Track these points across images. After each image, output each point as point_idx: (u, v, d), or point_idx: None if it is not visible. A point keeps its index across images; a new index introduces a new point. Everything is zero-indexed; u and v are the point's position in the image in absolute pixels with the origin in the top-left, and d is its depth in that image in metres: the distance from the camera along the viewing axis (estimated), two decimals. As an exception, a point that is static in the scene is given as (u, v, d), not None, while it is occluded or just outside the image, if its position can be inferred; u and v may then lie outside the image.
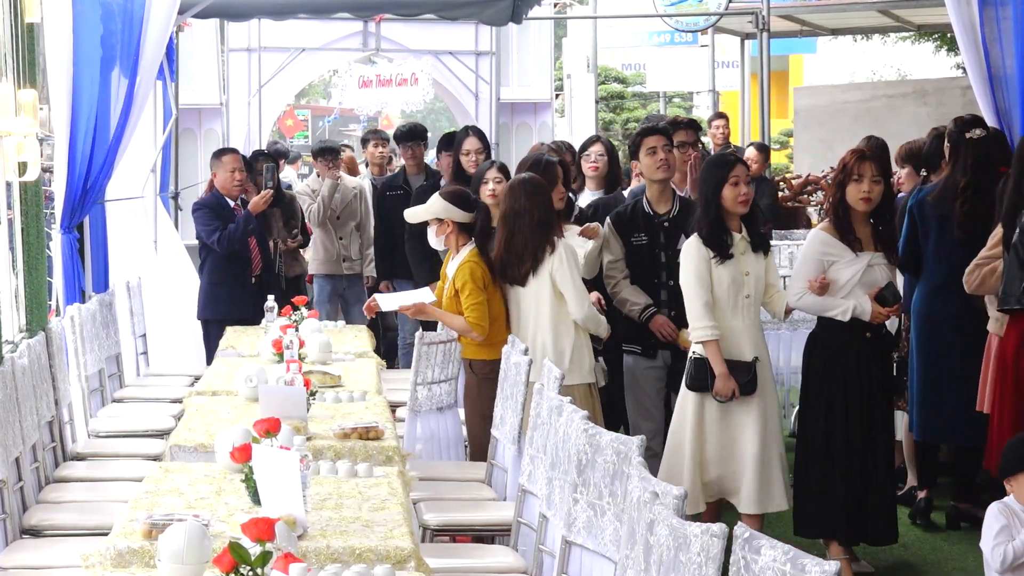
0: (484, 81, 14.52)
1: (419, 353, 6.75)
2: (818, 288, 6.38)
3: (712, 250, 6.42)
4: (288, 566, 3.49)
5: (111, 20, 8.10)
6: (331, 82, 17.08)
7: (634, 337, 7.21)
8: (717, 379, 6.38)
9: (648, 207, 7.20)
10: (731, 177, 6.46)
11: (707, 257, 6.42)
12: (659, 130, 7.35)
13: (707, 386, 6.41)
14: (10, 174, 6.78)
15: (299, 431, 5.37)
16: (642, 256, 7.16)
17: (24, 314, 6.95)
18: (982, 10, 7.47)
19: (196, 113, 13.65)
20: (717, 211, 6.44)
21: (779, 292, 6.66)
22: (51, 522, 5.50)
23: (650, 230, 7.16)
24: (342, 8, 11.67)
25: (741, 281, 6.46)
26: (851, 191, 6.39)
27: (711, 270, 6.42)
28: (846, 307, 6.37)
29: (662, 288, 7.13)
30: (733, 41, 21.75)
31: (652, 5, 15.82)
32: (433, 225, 6.94)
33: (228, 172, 9.32)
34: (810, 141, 18.83)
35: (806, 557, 2.88)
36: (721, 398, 6.40)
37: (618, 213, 7.29)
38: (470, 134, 8.94)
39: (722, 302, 6.43)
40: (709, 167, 6.58)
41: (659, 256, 7.15)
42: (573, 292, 6.65)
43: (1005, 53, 7.44)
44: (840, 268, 6.41)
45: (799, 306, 6.54)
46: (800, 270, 6.51)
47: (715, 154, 7.00)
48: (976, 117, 7.29)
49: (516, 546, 5.24)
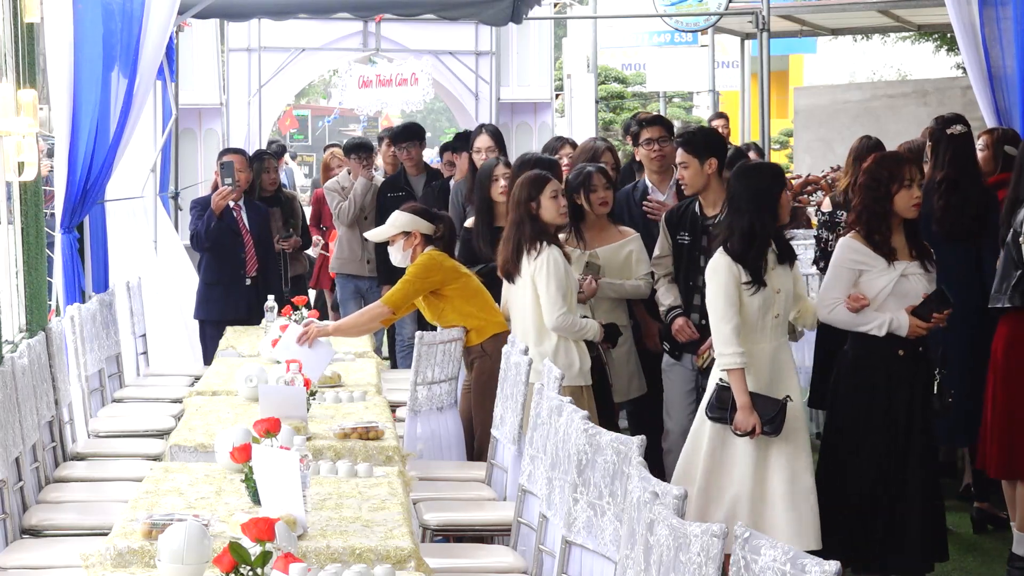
0: (484, 81, 14.52)
1: (419, 353, 6.75)
2: (856, 304, 5.95)
3: (746, 271, 5.86)
4: (288, 566, 3.49)
5: (111, 20, 8.09)
6: (331, 82, 17.10)
7: (666, 335, 7.11)
8: (738, 411, 5.81)
9: (699, 208, 6.96)
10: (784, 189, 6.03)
11: (738, 278, 5.84)
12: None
13: (728, 417, 5.84)
14: (10, 174, 6.78)
15: (299, 431, 5.37)
16: (684, 256, 7.00)
17: (24, 314, 6.95)
18: (982, 10, 7.49)
19: (196, 113, 13.65)
20: (764, 231, 5.89)
21: (808, 305, 6.20)
22: (51, 522, 5.50)
23: (694, 231, 6.96)
24: (342, 8, 11.67)
25: (772, 300, 5.92)
26: (902, 198, 5.93)
27: (741, 291, 5.86)
28: (881, 321, 5.93)
29: (696, 292, 6.87)
30: (733, 41, 21.75)
31: (652, 5, 15.81)
32: (399, 240, 7.04)
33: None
34: (810, 141, 18.83)
35: (806, 557, 2.88)
36: (739, 432, 5.83)
37: (671, 210, 7.16)
38: (483, 131, 8.91)
39: (749, 324, 5.88)
40: (761, 177, 6.03)
41: (698, 259, 6.85)
42: (545, 299, 6.59)
43: (1005, 53, 7.45)
44: (872, 278, 6.00)
45: (831, 319, 6.06)
46: (831, 280, 6.07)
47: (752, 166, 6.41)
48: (958, 115, 7.29)
49: (516, 546, 5.24)
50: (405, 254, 7.03)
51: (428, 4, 11.17)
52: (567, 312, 6.56)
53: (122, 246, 9.60)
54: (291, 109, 31.20)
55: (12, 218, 6.92)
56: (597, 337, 6.75)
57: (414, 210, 7.15)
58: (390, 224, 7.09)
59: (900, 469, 5.96)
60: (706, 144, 6.89)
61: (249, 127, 13.94)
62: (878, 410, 5.97)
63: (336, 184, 10.63)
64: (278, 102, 15.13)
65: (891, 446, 5.97)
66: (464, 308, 6.93)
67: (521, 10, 10.97)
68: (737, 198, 5.93)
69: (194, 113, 13.58)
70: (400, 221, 7.05)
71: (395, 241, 7.05)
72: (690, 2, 16.04)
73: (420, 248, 7.01)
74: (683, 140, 6.96)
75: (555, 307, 6.54)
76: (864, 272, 5.99)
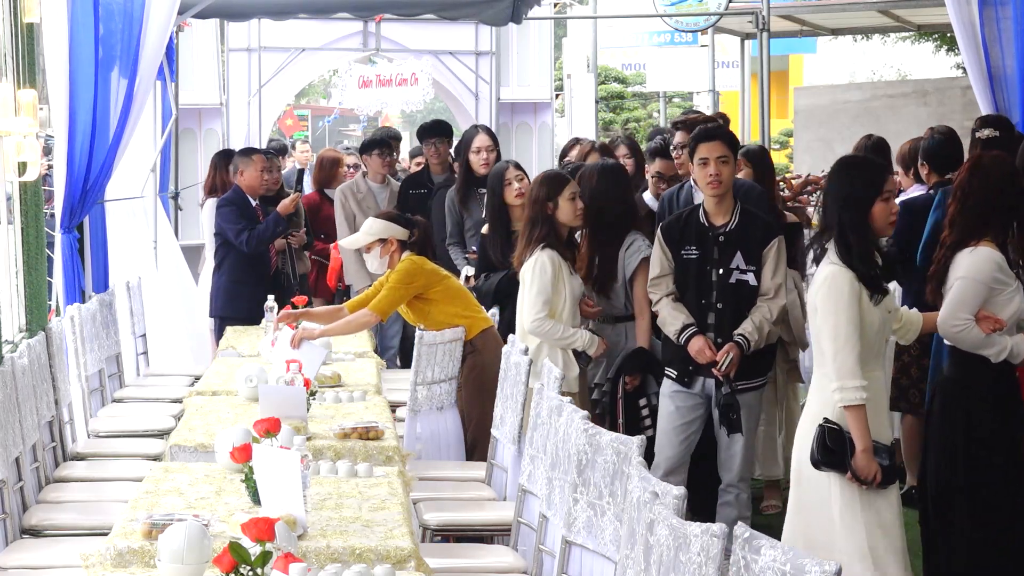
0: (484, 81, 14.52)
1: (419, 353, 6.76)
2: (995, 327, 5.25)
3: (867, 286, 4.94)
4: (288, 566, 3.49)
5: (111, 20, 8.09)
6: (331, 82, 17.09)
7: (672, 360, 6.49)
8: (859, 455, 4.84)
9: (704, 217, 6.41)
10: (884, 192, 4.99)
11: (860, 295, 4.91)
12: (716, 135, 6.43)
13: (844, 463, 4.88)
14: (10, 174, 6.79)
15: (299, 431, 5.37)
16: (691, 272, 6.41)
17: (24, 314, 6.95)
18: (982, 10, 7.48)
19: (196, 113, 13.64)
20: (865, 236, 4.97)
21: (912, 316, 5.37)
22: (51, 522, 5.50)
23: (703, 243, 6.38)
24: (342, 8, 11.67)
25: (886, 321, 5.06)
26: None
27: (863, 312, 4.93)
28: (1003, 346, 5.25)
29: (710, 311, 6.37)
30: (733, 41, 21.74)
31: (652, 5, 15.80)
32: (376, 247, 7.06)
33: (257, 172, 9.42)
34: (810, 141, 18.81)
35: (806, 557, 2.89)
36: (866, 478, 4.86)
37: (669, 223, 6.56)
38: (480, 131, 8.86)
39: (866, 351, 4.94)
40: (853, 181, 5.05)
41: (710, 273, 6.37)
42: (524, 301, 6.58)
43: (1005, 53, 7.44)
44: (1007, 299, 5.29)
45: (959, 339, 5.29)
46: (966, 296, 5.26)
47: (852, 163, 5.39)
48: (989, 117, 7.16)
49: (516, 546, 5.24)
50: (382, 261, 7.07)
51: (428, 4, 11.17)
52: (545, 318, 6.48)
53: (122, 246, 9.61)
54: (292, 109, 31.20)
55: (12, 218, 6.92)
56: (592, 348, 6.62)
57: (388, 216, 7.21)
58: (365, 232, 7.11)
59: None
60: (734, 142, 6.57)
61: (249, 127, 13.93)
62: (981, 440, 5.34)
63: (349, 190, 10.03)
64: (278, 102, 15.12)
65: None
66: (449, 309, 6.99)
67: (521, 10, 10.97)
68: (831, 199, 5.05)
69: (194, 113, 13.57)
70: (375, 228, 7.07)
71: (371, 249, 7.08)
72: (690, 2, 16.04)
73: (397, 254, 7.05)
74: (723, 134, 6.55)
75: (532, 310, 6.51)
76: (998, 291, 5.30)
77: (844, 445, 4.86)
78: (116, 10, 8.15)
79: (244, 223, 9.25)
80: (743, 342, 6.32)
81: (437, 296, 6.98)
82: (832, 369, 4.89)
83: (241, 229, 9.22)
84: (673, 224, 6.52)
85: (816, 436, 4.90)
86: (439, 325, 6.93)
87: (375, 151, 10.08)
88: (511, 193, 7.40)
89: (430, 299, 6.99)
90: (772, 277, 6.39)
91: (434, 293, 6.99)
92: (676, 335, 6.38)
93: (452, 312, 6.97)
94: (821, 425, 4.90)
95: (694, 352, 6.34)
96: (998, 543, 5.32)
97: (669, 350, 6.54)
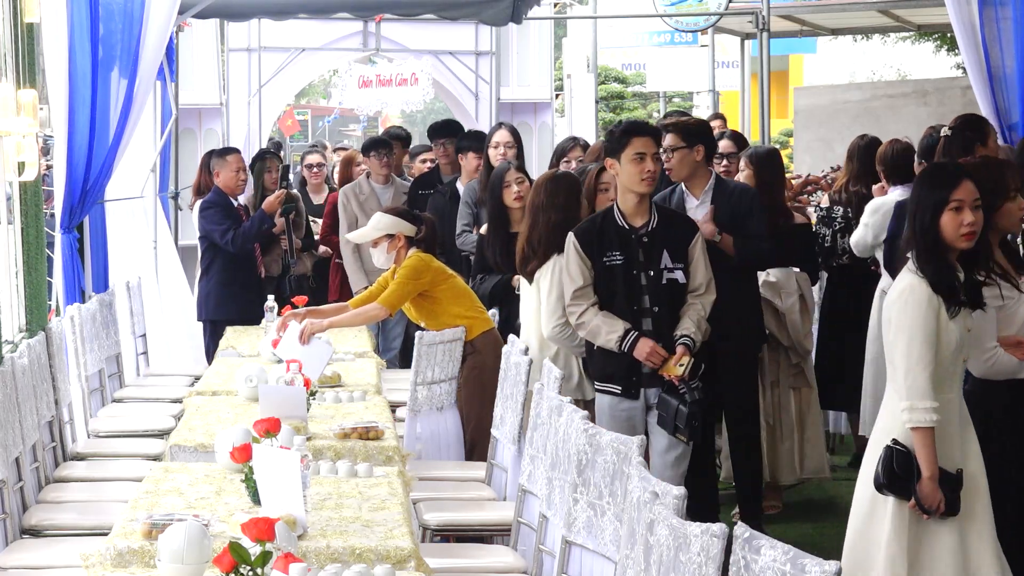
0: (484, 81, 14.52)
1: (419, 353, 6.76)
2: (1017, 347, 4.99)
3: (944, 299, 4.62)
4: (288, 566, 3.49)
5: (111, 20, 8.10)
6: (331, 82, 17.09)
7: (613, 374, 6.08)
8: (924, 482, 4.54)
9: (622, 220, 6.08)
10: (952, 200, 4.64)
11: (938, 309, 4.60)
12: (650, 131, 6.21)
13: (909, 489, 4.57)
14: (10, 174, 6.79)
15: (299, 431, 5.37)
16: (618, 278, 6.05)
17: (24, 314, 6.95)
18: (982, 10, 7.49)
19: (196, 113, 13.64)
20: (936, 244, 4.64)
21: None
22: (51, 522, 5.50)
23: (626, 247, 6.05)
24: (342, 8, 11.67)
25: (964, 340, 4.71)
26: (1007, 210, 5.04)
27: (940, 328, 4.62)
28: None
29: (645, 316, 6.03)
30: (733, 41, 21.74)
31: (652, 5, 15.80)
32: (383, 242, 7.08)
33: (233, 172, 9.38)
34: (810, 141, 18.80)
35: (806, 557, 2.89)
36: (930, 507, 4.56)
37: (583, 229, 6.14)
38: (501, 127, 8.82)
39: (941, 371, 4.63)
40: (922, 186, 4.76)
41: (639, 277, 6.04)
42: (544, 307, 6.50)
43: (1005, 53, 7.45)
44: (1011, 311, 5.07)
45: (993, 372, 5.03)
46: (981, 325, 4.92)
47: (929, 168, 5.18)
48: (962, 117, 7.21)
49: (516, 546, 5.24)
50: (389, 256, 7.08)
51: (428, 4, 11.17)
52: (565, 324, 6.32)
53: (122, 246, 9.61)
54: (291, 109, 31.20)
55: (12, 218, 6.92)
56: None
57: (396, 212, 7.25)
58: (373, 227, 7.12)
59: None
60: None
61: (249, 127, 13.94)
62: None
63: (352, 191, 9.97)
64: (278, 102, 15.13)
65: None
66: (453, 309, 7.01)
67: (521, 10, 10.97)
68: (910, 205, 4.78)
69: (194, 113, 13.57)
70: (384, 223, 7.10)
71: (379, 243, 7.09)
72: (690, 2, 16.04)
73: (404, 250, 7.08)
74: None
75: (552, 317, 6.43)
76: (1001, 307, 5.04)
77: (911, 470, 4.56)
78: (116, 10, 8.15)
79: (229, 223, 9.23)
80: (690, 343, 6.00)
81: (443, 295, 7.01)
82: (903, 387, 4.59)
83: (226, 229, 9.21)
84: (588, 230, 6.12)
85: (883, 457, 4.61)
86: (443, 324, 6.94)
87: (373, 152, 10.04)
88: (510, 195, 7.35)
89: (436, 297, 7.01)
90: (703, 272, 6.12)
91: (440, 291, 7.01)
92: (618, 342, 5.95)
93: (456, 312, 6.99)
94: (889, 446, 4.61)
95: (644, 355, 5.95)
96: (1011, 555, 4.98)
97: (609, 364, 6.08)
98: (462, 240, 8.66)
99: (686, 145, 6.74)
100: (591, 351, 6.18)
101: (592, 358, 6.20)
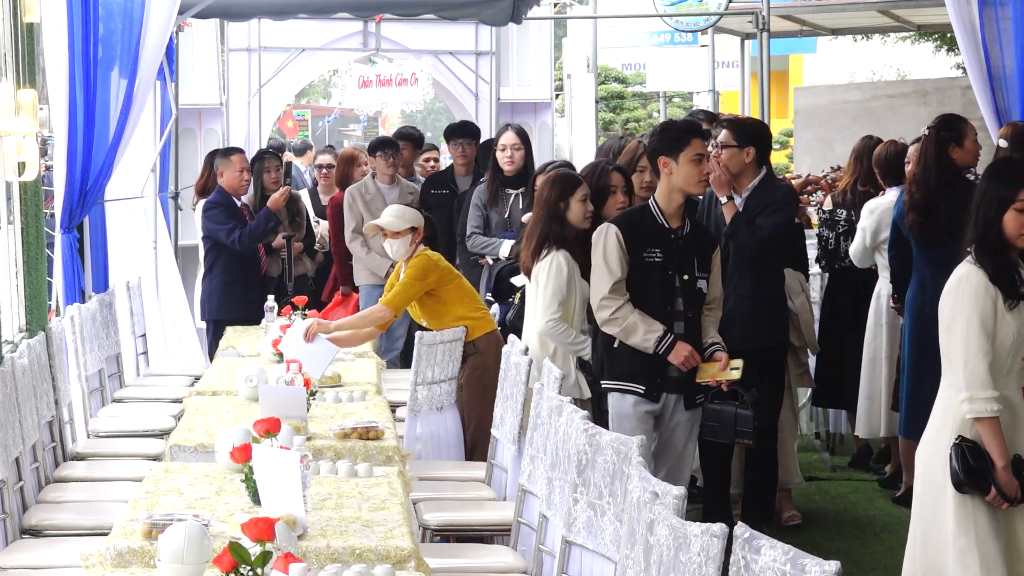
0: (484, 81, 14.51)
1: (419, 353, 6.76)
2: None
3: (1002, 291, 4.56)
4: (288, 566, 3.49)
5: (111, 20, 8.10)
6: (331, 82, 17.08)
7: (637, 373, 5.93)
8: (999, 472, 4.47)
9: (662, 218, 5.97)
10: (1018, 200, 4.59)
11: (995, 299, 4.54)
12: (705, 133, 6.14)
13: (987, 482, 4.49)
14: (10, 174, 6.78)
15: (299, 431, 5.37)
16: (655, 277, 5.92)
17: (24, 314, 6.95)
18: (982, 10, 7.48)
19: (196, 113, 13.63)
20: (998, 239, 4.59)
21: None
22: (51, 522, 5.50)
23: (665, 246, 5.93)
24: (342, 8, 11.66)
25: (1022, 335, 4.61)
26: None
27: (997, 319, 4.55)
28: None
29: (678, 319, 5.92)
30: (733, 41, 21.73)
31: (652, 5, 15.80)
32: (407, 235, 7.09)
33: (237, 172, 9.40)
34: (810, 141, 18.81)
35: (806, 557, 2.88)
36: (1011, 495, 4.48)
37: (625, 221, 5.98)
38: (508, 129, 8.82)
39: (997, 368, 4.55)
40: (991, 179, 4.70)
41: (673, 279, 5.92)
42: (540, 301, 6.44)
43: (1005, 53, 7.44)
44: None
45: None
46: None
47: (1001, 161, 5.14)
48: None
49: (516, 546, 5.24)
50: (408, 249, 7.08)
51: (428, 4, 11.17)
52: (560, 319, 6.34)
53: (122, 246, 9.61)
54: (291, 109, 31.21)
55: (12, 218, 6.92)
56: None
57: (410, 208, 7.32)
58: (400, 218, 7.12)
59: None
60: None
61: (249, 127, 13.93)
62: None
63: (358, 191, 9.83)
64: (278, 102, 15.12)
65: None
66: (457, 310, 7.04)
67: (521, 10, 10.97)
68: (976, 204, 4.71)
69: (194, 113, 13.56)
70: (409, 215, 7.16)
71: (403, 235, 7.09)
72: (690, 2, 16.03)
73: (415, 247, 7.12)
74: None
75: (546, 311, 6.38)
76: None
77: (985, 463, 4.46)
78: (116, 10, 8.16)
79: (233, 223, 9.24)
80: (723, 349, 5.99)
81: (448, 295, 7.03)
82: (962, 377, 4.51)
83: (232, 228, 9.21)
84: (629, 223, 5.97)
85: (957, 457, 4.50)
86: (445, 325, 6.96)
87: (379, 152, 9.95)
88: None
89: (442, 297, 7.03)
90: (719, 286, 6.12)
91: (446, 291, 7.03)
92: (656, 343, 5.83)
93: (459, 313, 7.02)
94: (956, 444, 4.51)
95: (680, 360, 5.85)
96: None
97: (633, 362, 5.93)
98: (472, 242, 8.68)
99: (736, 144, 6.75)
100: (609, 347, 5.99)
101: (611, 355, 6.00)
